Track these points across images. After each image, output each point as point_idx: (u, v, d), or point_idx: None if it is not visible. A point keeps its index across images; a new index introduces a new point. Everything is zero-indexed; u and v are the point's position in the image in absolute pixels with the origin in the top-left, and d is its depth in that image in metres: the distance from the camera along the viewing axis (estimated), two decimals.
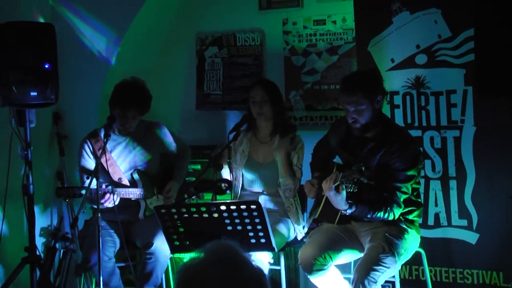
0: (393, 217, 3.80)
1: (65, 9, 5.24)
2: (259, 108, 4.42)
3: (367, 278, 3.70)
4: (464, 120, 4.34)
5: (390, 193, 3.79)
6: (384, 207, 3.77)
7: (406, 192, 3.82)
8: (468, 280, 4.36)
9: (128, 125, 4.51)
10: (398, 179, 3.80)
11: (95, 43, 5.20)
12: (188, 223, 3.70)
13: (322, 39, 5.08)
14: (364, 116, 3.87)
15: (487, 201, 4.28)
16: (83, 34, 5.21)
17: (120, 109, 4.43)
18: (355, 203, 3.75)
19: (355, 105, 3.85)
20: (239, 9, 5.32)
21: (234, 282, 1.68)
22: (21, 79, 4.31)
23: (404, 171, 3.80)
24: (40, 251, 4.65)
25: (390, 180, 3.80)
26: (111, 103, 4.49)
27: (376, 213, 3.77)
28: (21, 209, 4.52)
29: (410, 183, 3.84)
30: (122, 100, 4.44)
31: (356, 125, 3.90)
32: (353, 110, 3.86)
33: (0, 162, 4.70)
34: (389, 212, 3.78)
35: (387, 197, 3.79)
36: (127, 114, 4.45)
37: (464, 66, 4.29)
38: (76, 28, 5.21)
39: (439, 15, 4.35)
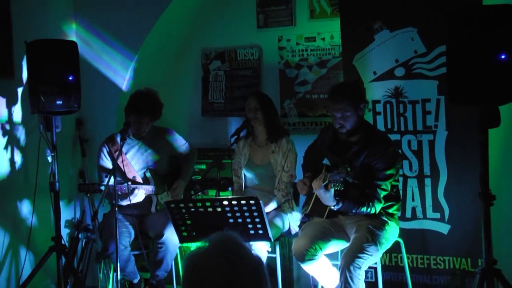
0: (374, 211, 3.81)
1: (86, 29, 5.24)
2: (253, 114, 4.46)
3: (352, 264, 3.70)
4: (437, 126, 4.33)
5: (372, 190, 3.79)
6: (367, 202, 3.78)
7: (386, 189, 3.82)
8: (440, 265, 4.36)
9: (141, 130, 4.52)
10: (379, 177, 3.80)
11: (113, 58, 5.18)
12: (194, 216, 3.71)
13: (312, 54, 5.07)
14: (349, 121, 3.87)
15: (457, 197, 4.28)
16: (103, 50, 5.20)
17: (135, 116, 4.44)
18: (342, 200, 3.75)
19: (342, 111, 3.85)
20: (239, 28, 5.30)
21: (236, 268, 1.67)
22: (48, 90, 4.33)
23: (384, 170, 3.80)
24: (65, 241, 4.64)
25: (372, 178, 3.81)
26: (127, 110, 4.49)
27: (360, 208, 3.77)
28: (48, 203, 4.55)
29: (389, 181, 3.84)
30: (137, 108, 4.44)
31: (342, 130, 3.90)
32: (340, 116, 3.86)
33: (30, 162, 4.75)
34: (371, 207, 3.78)
35: (369, 194, 3.79)
36: (141, 120, 4.46)
37: (437, 78, 4.29)
38: (96, 45, 5.20)
39: (415, 33, 4.34)
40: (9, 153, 4.72)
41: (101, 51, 5.21)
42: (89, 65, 5.15)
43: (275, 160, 4.44)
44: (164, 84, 5.35)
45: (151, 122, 4.55)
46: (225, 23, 5.35)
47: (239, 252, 1.71)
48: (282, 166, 4.41)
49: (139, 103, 4.46)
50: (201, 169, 5.16)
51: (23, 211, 4.80)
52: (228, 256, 1.68)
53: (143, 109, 4.44)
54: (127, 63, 5.15)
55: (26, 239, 4.61)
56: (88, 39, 5.21)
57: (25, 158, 4.82)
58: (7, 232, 4.65)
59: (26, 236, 4.63)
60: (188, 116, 5.51)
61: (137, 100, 4.48)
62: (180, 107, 5.48)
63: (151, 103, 4.51)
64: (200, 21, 5.41)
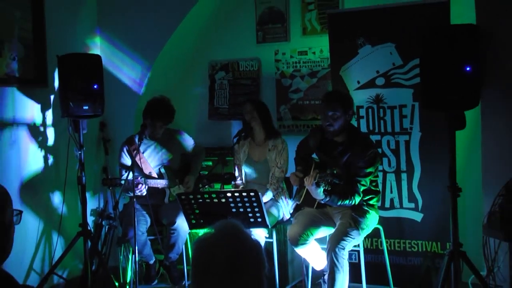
0: (354, 203, 3.81)
1: (108, 43, 5.24)
2: (250, 115, 4.45)
3: (337, 246, 3.72)
4: (412, 128, 4.32)
5: (353, 185, 3.80)
6: (349, 196, 3.78)
7: (365, 185, 3.83)
8: (414, 248, 4.35)
9: (156, 132, 4.54)
10: (360, 174, 3.80)
11: (132, 69, 5.18)
12: (202, 206, 3.72)
13: (304, 66, 5.04)
14: (338, 122, 3.86)
15: (429, 189, 4.27)
16: (123, 62, 5.20)
17: (151, 120, 4.46)
18: (329, 194, 3.75)
19: (333, 111, 3.85)
20: (241, 43, 5.28)
21: (237, 250, 1.67)
22: (76, 97, 4.34)
23: (364, 169, 3.80)
24: (90, 227, 4.64)
25: (354, 175, 3.81)
26: (145, 115, 4.50)
27: (343, 201, 3.78)
28: (76, 195, 4.57)
29: (368, 178, 3.84)
30: (152, 114, 4.46)
31: (330, 128, 3.88)
32: (330, 114, 3.86)
33: (61, 159, 4.76)
34: (351, 200, 3.79)
35: (350, 188, 3.79)
36: (156, 124, 4.48)
37: (412, 86, 4.28)
38: (117, 58, 5.20)
39: (394, 48, 4.33)
40: (43, 151, 4.74)
41: (122, 62, 5.21)
42: (111, 75, 5.16)
43: (270, 157, 4.43)
44: (176, 91, 5.33)
45: (164, 126, 4.57)
46: (229, 38, 5.33)
47: (241, 236, 1.71)
48: (276, 163, 4.41)
49: (155, 109, 4.48)
50: (208, 165, 5.13)
51: (55, 201, 4.82)
52: (231, 240, 1.69)
53: (157, 114, 4.47)
54: (144, 73, 5.15)
55: (58, 225, 4.64)
56: (111, 52, 5.22)
57: (56, 156, 4.83)
58: (41, 219, 4.67)
59: (57, 223, 4.66)
60: (196, 120, 5.49)
61: (152, 106, 4.50)
62: (190, 112, 5.47)
63: (165, 109, 4.53)
64: (208, 37, 5.39)
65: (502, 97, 3.53)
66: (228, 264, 1.64)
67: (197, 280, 1.70)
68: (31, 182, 4.64)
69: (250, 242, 1.72)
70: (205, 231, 1.76)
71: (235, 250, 1.67)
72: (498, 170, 3.45)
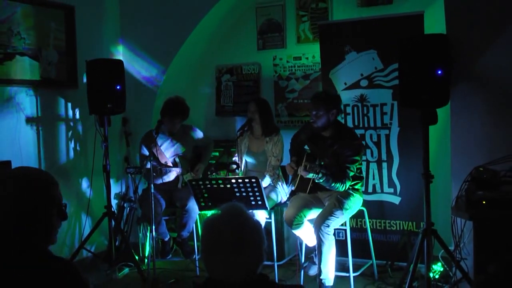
0: (344, 187, 3.80)
1: (129, 50, 5.23)
2: (252, 116, 4.42)
3: (323, 224, 3.73)
4: (391, 123, 4.32)
5: (343, 171, 3.79)
6: (341, 179, 3.77)
7: (352, 171, 3.83)
8: (394, 227, 4.37)
9: (174, 128, 4.52)
10: (347, 161, 3.80)
11: (149, 72, 5.18)
12: (210, 191, 3.73)
13: (299, 69, 5.03)
14: (320, 120, 3.86)
15: (406, 176, 4.27)
16: (142, 66, 5.20)
17: (170, 117, 4.44)
18: (324, 175, 3.71)
19: (316, 110, 3.85)
20: (244, 49, 5.25)
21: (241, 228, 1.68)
22: (102, 96, 4.35)
23: (351, 157, 3.80)
24: (114, 209, 4.65)
25: (343, 162, 3.80)
26: (163, 113, 4.46)
27: (336, 183, 3.75)
28: (101, 181, 4.58)
29: (355, 165, 3.84)
30: (170, 112, 4.44)
31: (314, 125, 3.88)
32: (314, 113, 3.87)
33: (89, 150, 4.78)
34: (343, 184, 3.77)
35: (342, 174, 3.79)
36: (174, 121, 4.46)
37: (391, 87, 4.28)
38: (136, 63, 5.20)
39: (375, 54, 4.33)
40: (73, 143, 4.77)
41: (141, 67, 5.20)
42: (132, 77, 5.15)
43: (268, 148, 4.41)
44: (187, 91, 5.32)
45: (180, 122, 4.57)
46: (233, 46, 5.31)
47: (244, 216, 1.71)
48: (272, 152, 4.40)
49: (173, 107, 4.46)
50: (215, 155, 5.14)
51: (83, 186, 4.84)
52: (235, 219, 1.69)
53: (175, 112, 4.46)
54: (160, 76, 5.14)
55: (86, 207, 4.65)
56: (131, 58, 5.22)
57: (85, 147, 4.85)
58: (72, 202, 4.69)
59: (86, 205, 4.67)
60: (205, 116, 5.48)
61: (170, 105, 4.48)
62: (200, 109, 5.45)
63: (182, 107, 4.52)
64: (215, 44, 5.37)
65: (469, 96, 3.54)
66: (233, 239, 1.64)
67: (206, 253, 1.70)
68: (64, 169, 4.66)
69: (251, 221, 1.72)
70: (213, 212, 1.77)
71: (239, 228, 1.67)
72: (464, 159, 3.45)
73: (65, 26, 4.63)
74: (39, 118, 4.46)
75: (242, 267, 1.65)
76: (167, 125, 4.48)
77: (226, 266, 1.65)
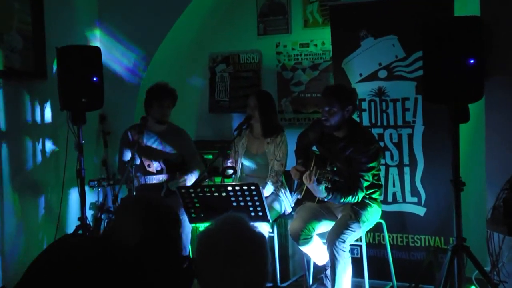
0: (357, 200, 3.79)
1: (108, 35, 5.21)
2: (251, 112, 4.40)
3: (337, 239, 3.71)
4: (415, 121, 4.31)
5: (356, 180, 3.76)
6: (352, 192, 3.75)
7: (367, 180, 3.80)
8: (417, 243, 4.35)
9: (165, 113, 4.45)
10: (362, 169, 3.77)
11: (131, 61, 5.17)
12: (202, 200, 3.70)
13: (306, 58, 5.03)
14: (334, 117, 3.83)
15: (433, 183, 4.26)
16: (122, 54, 5.18)
17: (159, 100, 4.39)
18: (331, 191, 3.70)
19: (329, 106, 3.82)
20: (242, 35, 5.26)
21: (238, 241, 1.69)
22: (75, 89, 4.32)
23: (366, 164, 3.77)
24: (89, 221, 4.63)
25: (356, 170, 3.78)
26: (150, 99, 4.43)
27: (346, 198, 3.75)
28: (75, 188, 4.57)
29: (371, 173, 3.82)
30: (159, 94, 4.40)
31: (326, 123, 3.85)
32: (327, 110, 3.83)
33: (60, 152, 4.74)
34: (354, 196, 3.76)
35: (353, 184, 3.76)
36: (164, 104, 4.41)
37: (415, 79, 4.27)
38: (116, 50, 5.19)
39: (396, 40, 4.32)
40: (41, 144, 4.73)
41: (121, 55, 5.18)
42: (111, 68, 5.14)
43: (269, 150, 4.39)
44: (176, 84, 5.31)
45: (172, 106, 4.50)
46: (229, 31, 5.32)
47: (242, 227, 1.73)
48: (274, 156, 4.36)
49: (160, 89, 4.44)
50: (208, 158, 5.08)
51: (54, 194, 4.79)
52: (232, 230, 1.70)
53: (165, 93, 4.43)
54: (144, 66, 5.13)
55: (57, 218, 4.61)
56: (110, 45, 5.20)
57: (55, 149, 4.82)
58: (40, 212, 4.65)
59: (56, 216, 4.63)
60: (197, 113, 5.48)
61: (157, 88, 4.47)
62: (190, 105, 5.45)
63: (169, 89, 4.50)
64: (208, 29, 5.38)
65: (507, 90, 3.52)
66: (229, 248, 1.66)
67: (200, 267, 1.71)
68: (30, 175, 4.63)
69: (251, 233, 1.73)
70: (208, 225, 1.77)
71: (236, 240, 1.68)
72: (502, 164, 3.45)
73: (31, 7, 4.59)
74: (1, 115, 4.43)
75: (240, 284, 1.63)
76: (155, 113, 4.42)
77: (222, 282, 1.64)
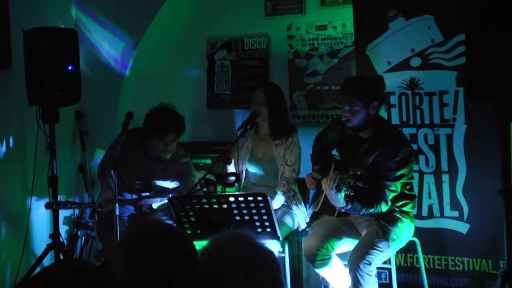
0: (379, 211, 3.78)
1: (86, 16, 5.24)
2: (258, 109, 4.41)
3: (362, 260, 3.69)
4: (455, 119, 4.30)
5: (380, 190, 3.76)
6: (374, 203, 3.75)
7: (395, 191, 3.79)
8: (459, 267, 4.33)
9: (167, 151, 4.36)
10: (389, 178, 3.76)
11: (114, 47, 5.19)
12: (199, 213, 3.70)
13: (323, 43, 5.05)
14: (357, 117, 3.83)
15: (477, 194, 4.24)
16: (103, 38, 5.20)
17: (160, 135, 4.28)
18: (351, 201, 3.71)
19: (350, 105, 3.82)
20: (246, 16, 5.29)
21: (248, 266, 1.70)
22: (46, 80, 4.32)
23: (395, 171, 3.76)
24: (63, 238, 4.63)
25: (381, 178, 3.77)
26: (148, 128, 4.32)
27: (368, 209, 3.75)
28: (46, 199, 4.53)
29: (399, 182, 3.80)
30: (161, 127, 4.27)
31: (348, 124, 3.86)
32: (348, 109, 3.84)
33: (28, 156, 4.75)
34: (377, 208, 3.76)
35: (377, 194, 3.76)
36: (166, 138, 4.30)
37: (455, 68, 4.26)
38: (96, 34, 5.21)
39: (432, 21, 4.31)
40: (5, 146, 4.72)
41: (102, 39, 5.21)
42: (89, 54, 5.16)
43: (278, 154, 4.39)
44: (167, 74, 5.36)
45: (177, 138, 4.38)
46: (231, 10, 5.33)
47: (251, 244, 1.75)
48: (285, 160, 4.36)
49: (160, 121, 4.28)
50: (206, 163, 5.15)
51: (20, 207, 4.78)
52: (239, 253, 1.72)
53: (166, 126, 4.26)
54: (129, 52, 5.16)
55: (23, 236, 4.60)
56: (88, 26, 5.22)
57: (22, 152, 4.81)
58: (3, 229, 4.65)
59: (23, 233, 4.62)
60: (192, 108, 5.48)
61: (157, 119, 4.30)
62: (184, 99, 5.45)
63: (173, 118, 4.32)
64: (206, 8, 5.38)
65: None
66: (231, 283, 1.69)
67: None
68: None
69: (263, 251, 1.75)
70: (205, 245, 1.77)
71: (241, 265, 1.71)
72: None
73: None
74: None
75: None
76: (154, 148, 4.33)
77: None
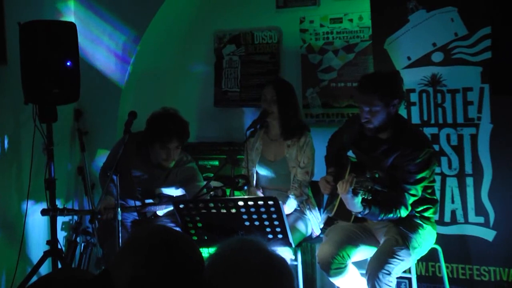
0: (398, 216, 3.78)
1: (86, 8, 5.25)
2: (267, 107, 4.43)
3: (381, 270, 3.69)
4: (480, 118, 4.28)
5: (399, 194, 3.75)
6: (393, 208, 3.75)
7: (415, 195, 3.78)
8: (485, 277, 4.31)
9: (169, 159, 4.38)
10: (408, 181, 3.75)
11: (115, 41, 5.21)
12: (206, 218, 3.69)
13: (338, 37, 5.05)
14: (377, 117, 3.82)
15: (504, 199, 4.22)
16: (104, 32, 5.22)
17: (161, 142, 4.29)
18: (368, 205, 3.71)
19: (369, 105, 3.80)
20: (256, 8, 5.30)
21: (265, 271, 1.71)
22: (44, 77, 4.33)
23: (415, 174, 3.75)
24: (61, 245, 4.63)
25: (401, 181, 3.76)
26: (150, 135, 4.34)
27: (386, 215, 3.75)
28: (43, 203, 4.55)
29: (420, 185, 3.79)
30: (164, 134, 4.28)
31: (369, 125, 3.86)
32: (367, 110, 3.82)
33: (24, 157, 4.76)
34: (396, 213, 3.77)
35: (396, 198, 3.75)
36: (168, 146, 4.32)
37: (480, 64, 4.24)
38: (96, 27, 5.22)
39: (456, 13, 4.30)
40: (0, 147, 4.73)
41: (102, 32, 5.22)
42: (89, 49, 5.17)
43: (290, 155, 4.41)
44: (172, 70, 5.36)
45: (180, 146, 4.40)
46: (240, 2, 5.34)
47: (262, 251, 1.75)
48: (298, 162, 4.38)
49: (162, 127, 4.30)
50: (214, 165, 5.16)
51: (16, 211, 4.80)
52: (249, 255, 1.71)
53: (168, 133, 4.28)
54: (131, 47, 5.17)
55: (19, 243, 4.60)
56: (88, 20, 5.23)
57: (18, 153, 4.82)
58: None
59: (18, 240, 4.62)
60: (198, 107, 5.51)
61: (159, 125, 4.33)
62: (190, 97, 5.48)
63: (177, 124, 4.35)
64: (213, 0, 5.39)
65: None
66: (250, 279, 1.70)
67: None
68: None
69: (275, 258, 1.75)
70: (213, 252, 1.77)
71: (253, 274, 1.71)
72: None
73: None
74: None
75: None
76: (156, 155, 4.35)
77: None
